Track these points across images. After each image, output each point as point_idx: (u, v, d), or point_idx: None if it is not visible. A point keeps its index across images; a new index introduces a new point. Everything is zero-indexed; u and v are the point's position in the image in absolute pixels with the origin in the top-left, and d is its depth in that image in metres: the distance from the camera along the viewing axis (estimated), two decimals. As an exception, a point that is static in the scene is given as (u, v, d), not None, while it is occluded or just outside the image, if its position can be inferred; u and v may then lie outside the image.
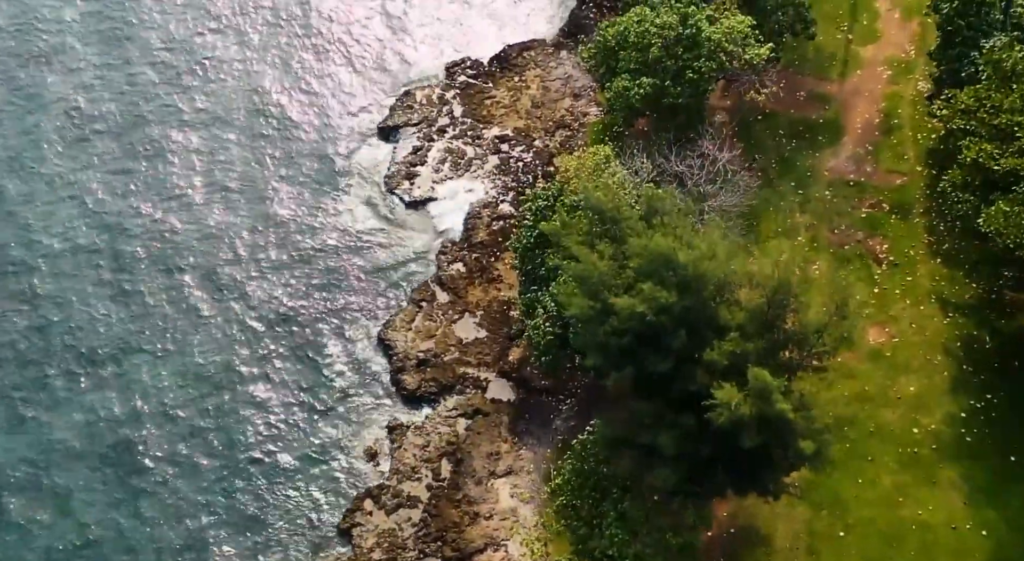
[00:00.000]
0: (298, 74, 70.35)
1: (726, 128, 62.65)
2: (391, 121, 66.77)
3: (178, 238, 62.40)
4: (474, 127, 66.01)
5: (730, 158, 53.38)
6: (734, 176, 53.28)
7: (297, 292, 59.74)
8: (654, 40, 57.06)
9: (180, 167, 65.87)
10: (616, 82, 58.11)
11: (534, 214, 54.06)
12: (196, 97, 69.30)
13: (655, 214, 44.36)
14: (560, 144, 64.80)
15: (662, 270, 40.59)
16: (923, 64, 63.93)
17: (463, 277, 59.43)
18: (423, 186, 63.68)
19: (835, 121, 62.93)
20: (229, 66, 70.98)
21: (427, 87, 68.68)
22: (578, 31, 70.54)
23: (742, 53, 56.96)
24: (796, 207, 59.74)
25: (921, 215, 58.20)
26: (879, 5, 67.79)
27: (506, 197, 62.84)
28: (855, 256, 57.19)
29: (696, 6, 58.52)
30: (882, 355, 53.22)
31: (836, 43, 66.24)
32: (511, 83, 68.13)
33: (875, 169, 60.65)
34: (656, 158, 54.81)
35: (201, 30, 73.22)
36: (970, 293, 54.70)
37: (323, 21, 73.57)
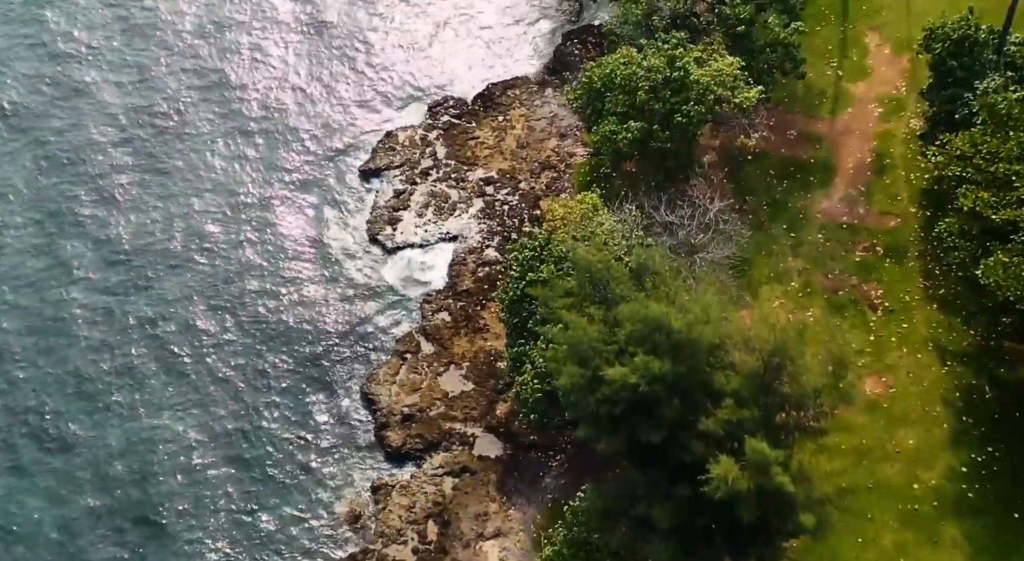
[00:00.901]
0: (275, 117, 68.40)
1: (716, 169, 61.52)
2: (373, 164, 65.14)
3: (149, 291, 60.47)
4: (458, 169, 64.49)
5: (721, 207, 51.91)
6: (725, 226, 51.86)
7: (275, 346, 57.81)
8: (641, 83, 55.77)
9: (147, 222, 63.79)
10: (603, 126, 56.77)
11: (520, 265, 52.55)
12: (166, 144, 67.25)
13: (646, 272, 42.96)
14: (546, 186, 63.37)
15: (655, 335, 39.13)
16: (915, 101, 62.78)
17: (448, 327, 57.81)
18: (406, 231, 62.07)
19: (826, 161, 61.68)
20: (205, 108, 69.18)
21: (409, 128, 67.07)
22: (563, 68, 69.18)
23: (731, 96, 55.67)
24: (788, 251, 58.42)
25: (916, 259, 56.92)
26: (868, 40, 66.64)
27: (491, 242, 61.30)
28: (849, 302, 55.86)
29: (683, 47, 57.32)
30: (879, 406, 51.84)
31: (826, 80, 65.02)
32: (495, 123, 66.68)
33: (868, 211, 59.39)
34: (645, 206, 53.46)
35: (172, 70, 71.20)
36: (968, 341, 53.41)
37: (300, 60, 71.88)
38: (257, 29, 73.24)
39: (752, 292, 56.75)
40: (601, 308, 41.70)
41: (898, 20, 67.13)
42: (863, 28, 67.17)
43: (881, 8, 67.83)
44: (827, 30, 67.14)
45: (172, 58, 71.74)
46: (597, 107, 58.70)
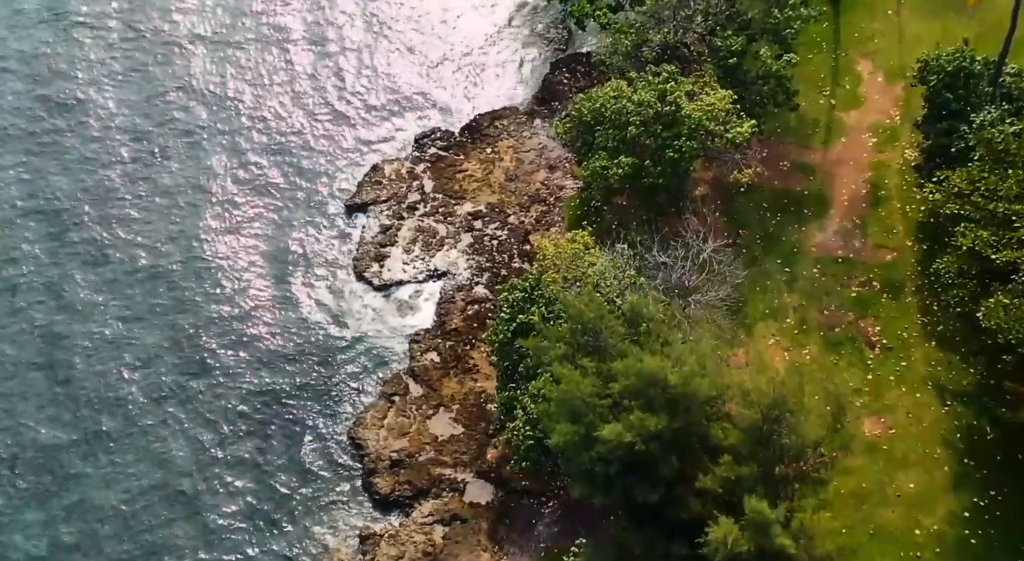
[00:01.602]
0: (257, 151, 66.87)
1: (708, 201, 60.41)
2: (359, 198, 63.78)
3: (129, 337, 58.87)
4: (446, 203, 63.23)
5: (715, 247, 50.77)
6: (719, 266, 50.74)
7: (258, 390, 56.24)
8: (632, 118, 54.68)
9: (121, 264, 62.13)
10: (593, 161, 55.65)
11: (510, 306, 51.31)
12: (149, 181, 65.64)
13: (639, 320, 41.81)
14: (536, 220, 62.16)
15: (650, 390, 37.96)
16: (909, 131, 61.83)
17: (437, 368, 56.46)
18: (393, 268, 60.73)
19: (820, 193, 60.62)
20: (183, 139, 67.62)
21: (396, 160, 65.77)
22: (552, 98, 68.04)
23: (724, 131, 54.59)
24: (783, 286, 57.28)
25: (913, 294, 55.85)
26: (861, 68, 65.69)
27: (481, 278, 60.04)
28: (846, 339, 54.74)
29: (675, 81, 56.24)
30: (879, 448, 50.65)
31: (819, 109, 64.03)
32: (483, 155, 65.45)
33: (864, 244, 58.33)
34: (637, 246, 52.31)
35: (154, 115, 69.38)
36: (968, 379, 52.29)
37: (282, 92, 70.37)
38: (237, 65, 71.83)
39: (747, 329, 55.83)
40: (594, 359, 40.51)
41: (891, 47, 66.25)
42: (855, 56, 66.26)
43: (873, 35, 66.97)
44: (819, 58, 66.19)
45: (148, 98, 70.06)
46: (587, 140, 57.62)
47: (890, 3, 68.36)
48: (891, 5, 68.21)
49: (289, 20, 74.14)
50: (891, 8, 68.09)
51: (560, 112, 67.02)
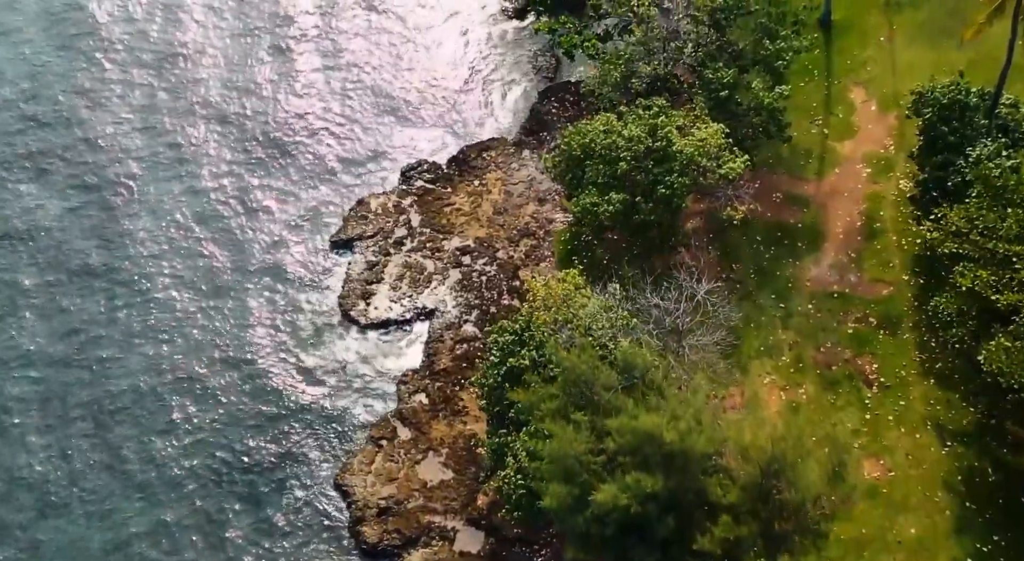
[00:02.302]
0: (238, 185, 65.46)
1: (700, 234, 59.30)
2: (344, 234, 62.45)
3: (103, 376, 57.48)
4: (433, 238, 61.96)
5: (709, 288, 49.59)
6: (714, 308, 49.56)
7: (241, 434, 54.81)
8: (622, 153, 53.57)
9: (98, 303, 60.62)
10: (583, 197, 54.49)
11: (500, 349, 50.02)
12: (130, 220, 64.15)
13: (632, 371, 40.59)
14: (525, 255, 60.94)
15: (646, 447, 36.71)
16: (904, 160, 60.80)
17: (426, 410, 55.14)
18: (380, 306, 59.41)
19: (814, 225, 59.54)
20: (163, 174, 66.15)
21: (382, 194, 64.48)
22: (540, 128, 66.90)
23: (716, 167, 53.50)
24: (778, 323, 56.17)
25: (911, 330, 54.75)
26: (854, 96, 64.69)
27: (470, 316, 58.76)
28: (843, 377, 53.59)
29: (665, 115, 55.16)
30: (878, 492, 49.49)
31: (811, 138, 62.97)
32: (471, 187, 64.23)
33: (859, 279, 57.25)
34: (630, 289, 51.07)
35: (134, 145, 67.93)
36: (968, 419, 51.19)
37: (266, 121, 69.08)
38: (218, 93, 70.58)
39: (742, 367, 54.72)
40: (587, 413, 39.26)
41: (883, 75, 65.29)
42: (848, 84, 65.26)
43: (866, 62, 66.00)
44: (811, 86, 65.17)
45: (124, 128, 68.68)
46: (577, 175, 56.50)
47: (882, 30, 67.47)
48: (883, 32, 67.32)
49: (274, 49, 72.87)
50: (883, 35, 67.17)
51: (549, 143, 65.95)
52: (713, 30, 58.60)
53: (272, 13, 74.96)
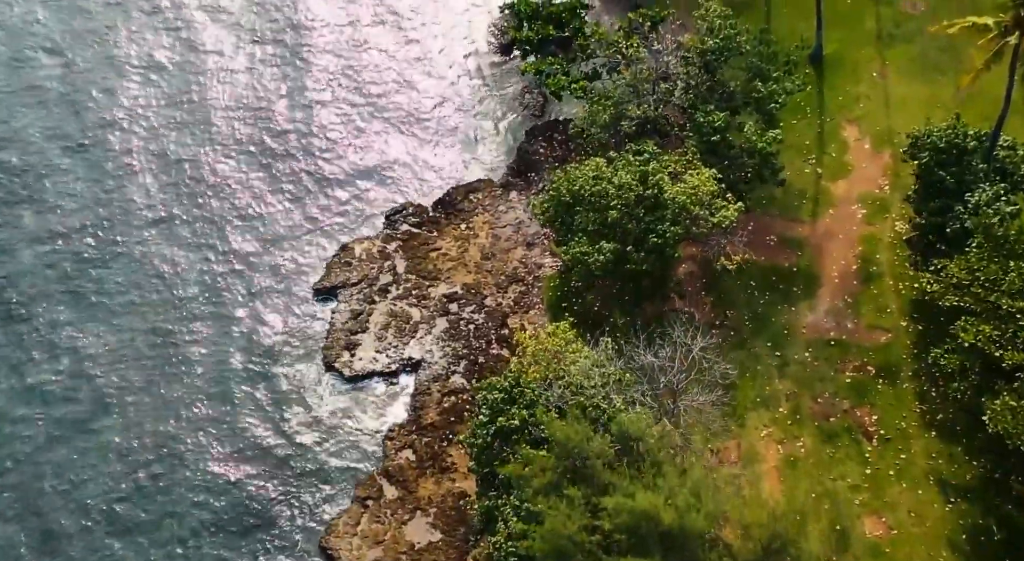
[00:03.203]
0: (219, 229, 63.48)
1: (693, 279, 57.86)
2: (328, 281, 60.65)
3: (82, 437, 55.50)
4: (419, 285, 60.29)
5: (704, 345, 48.08)
6: (710, 365, 48.08)
7: (219, 495, 52.83)
8: (613, 201, 52.13)
9: (78, 357, 58.45)
10: (573, 246, 52.99)
11: (489, 408, 48.37)
12: (99, 264, 62.10)
13: (628, 441, 39.05)
14: (514, 302, 59.31)
15: (643, 526, 35.16)
16: (899, 201, 59.57)
17: (413, 467, 53.40)
18: (365, 357, 57.64)
19: (810, 269, 58.17)
20: (145, 220, 64.23)
21: (367, 239, 62.70)
22: (528, 169, 65.31)
23: (709, 216, 52.10)
24: (774, 372, 54.73)
25: (910, 379, 53.36)
26: (847, 134, 63.43)
27: (457, 367, 57.06)
28: (842, 430, 52.13)
29: (656, 160, 53.78)
30: (881, 552, 47.96)
31: (805, 178, 61.67)
32: (457, 231, 62.58)
33: (856, 325, 55.86)
34: (620, 336, 49.63)
35: (114, 202, 65.47)
36: (971, 473, 49.78)
37: (248, 162, 67.16)
38: (200, 132, 68.77)
39: (738, 418, 53.23)
40: (582, 487, 37.68)
41: (877, 112, 64.11)
42: (841, 121, 64.03)
43: (858, 99, 64.79)
44: (803, 124, 63.93)
45: (103, 184, 66.55)
46: (566, 221, 55.04)
47: (875, 64, 66.35)
48: (876, 67, 66.18)
49: (257, 88, 70.99)
50: (876, 70, 66.05)
51: (537, 183, 64.45)
52: (704, 71, 57.29)
53: (253, 48, 73.32)
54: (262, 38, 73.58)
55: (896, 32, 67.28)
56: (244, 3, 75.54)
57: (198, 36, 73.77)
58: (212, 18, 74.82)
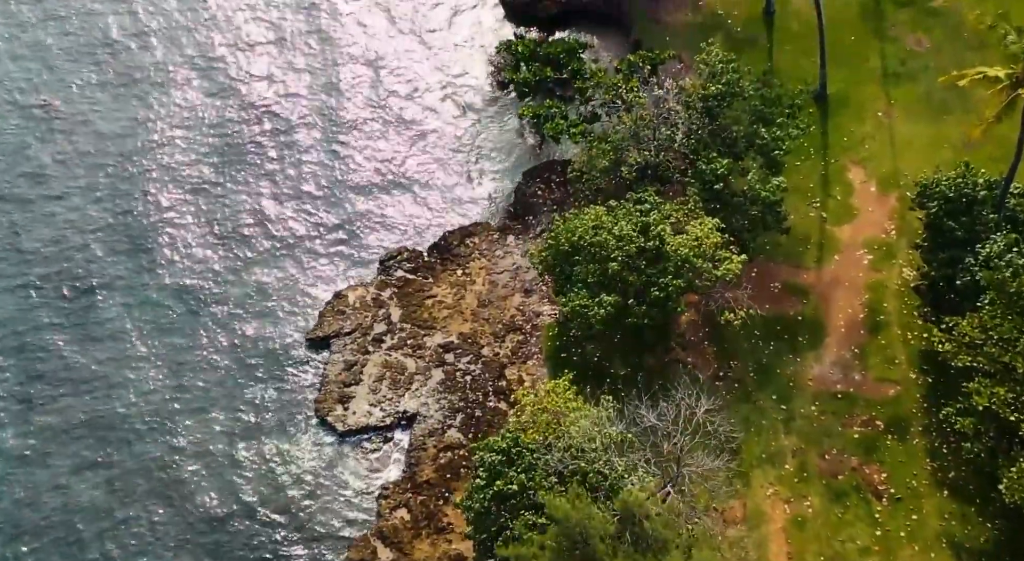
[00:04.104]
0: (208, 277, 61.76)
1: (695, 328, 56.31)
2: (321, 331, 59.04)
3: (69, 490, 53.99)
4: (414, 334, 58.70)
5: (709, 408, 46.48)
6: (714, 427, 46.50)
7: (208, 559, 51.19)
8: (613, 253, 50.64)
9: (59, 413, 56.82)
10: (572, 299, 51.47)
11: (487, 470, 46.77)
12: (87, 312, 60.56)
13: (632, 517, 37.46)
14: (512, 352, 57.71)
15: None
16: (906, 246, 58.04)
17: (408, 527, 51.71)
18: (358, 410, 56.04)
19: (815, 318, 56.60)
20: (127, 268, 62.61)
21: (360, 286, 61.09)
22: (526, 212, 63.77)
23: (712, 269, 50.57)
24: (780, 426, 53.14)
25: (920, 435, 51.77)
26: (852, 176, 61.92)
27: (454, 420, 55.44)
28: (851, 488, 50.52)
29: (657, 210, 52.29)
30: (893, 621, 46.62)
31: (809, 223, 60.11)
32: (453, 277, 61.04)
33: (864, 377, 54.28)
34: (621, 389, 48.06)
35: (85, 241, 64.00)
36: (986, 535, 48.10)
37: (237, 212, 65.10)
38: (186, 176, 67.22)
39: (743, 476, 51.59)
40: (582, 569, 36.14)
41: (882, 153, 62.62)
42: (846, 162, 62.53)
43: (863, 139, 63.31)
44: (807, 165, 62.40)
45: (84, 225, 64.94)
46: (565, 270, 53.55)
47: (880, 103, 64.89)
48: (881, 106, 64.72)
49: (248, 128, 69.37)
50: (881, 109, 64.58)
51: (535, 227, 62.93)
52: (705, 115, 55.85)
53: (242, 101, 71.90)
54: (248, 78, 72.12)
55: (901, 70, 65.86)
56: (227, 45, 74.02)
57: (179, 84, 72.00)
58: (196, 62, 73.37)
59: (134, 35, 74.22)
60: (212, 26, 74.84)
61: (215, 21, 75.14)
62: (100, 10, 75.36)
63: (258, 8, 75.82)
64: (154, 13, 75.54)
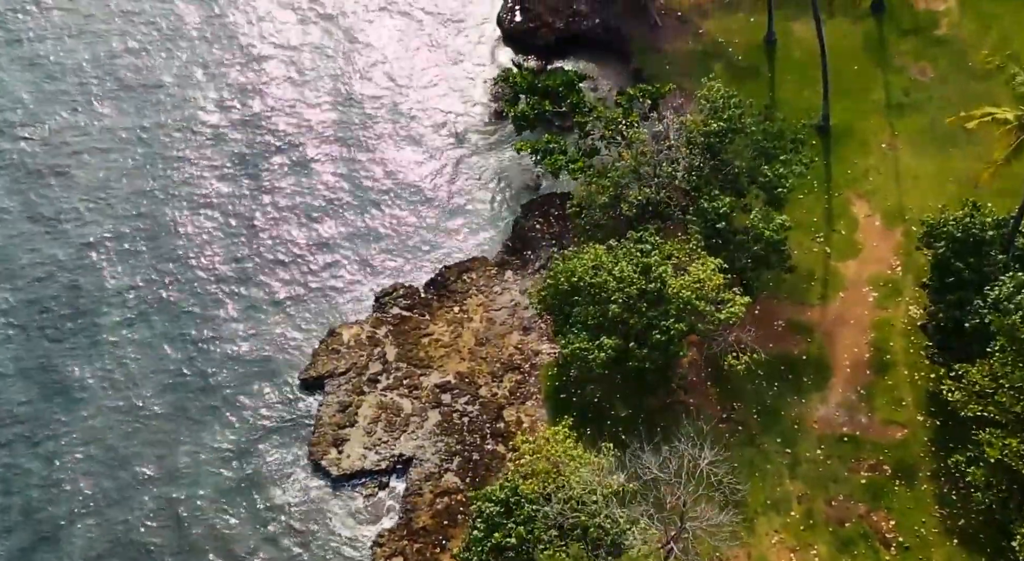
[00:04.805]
0: (198, 316, 60.36)
1: (696, 368, 55.03)
2: (314, 371, 57.73)
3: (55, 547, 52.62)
4: (410, 373, 57.41)
5: (712, 460, 45.19)
6: (718, 477, 45.24)
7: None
8: (614, 295, 49.45)
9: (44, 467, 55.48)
10: (572, 341, 50.28)
11: (485, 521, 45.50)
12: (68, 356, 59.21)
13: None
14: (510, 392, 56.45)
15: None
16: (912, 283, 56.93)
17: (404, 577, 50.52)
18: (353, 454, 54.68)
19: (820, 357, 55.38)
20: (113, 307, 61.16)
21: (355, 324, 59.77)
22: (524, 246, 62.42)
23: (715, 311, 49.38)
24: (785, 471, 51.90)
25: (928, 480, 50.54)
26: (857, 210, 60.74)
27: (451, 464, 54.12)
28: (858, 536, 49.28)
29: (658, 250, 51.10)
30: None
31: (813, 258, 58.90)
32: (450, 315, 59.76)
33: (870, 420, 53.05)
34: (622, 434, 46.84)
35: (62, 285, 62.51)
36: (997, 588, 47.15)
37: (229, 246, 63.76)
38: (182, 213, 65.90)
39: (747, 523, 50.30)
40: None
41: (887, 186, 61.46)
42: (850, 196, 61.36)
43: (867, 172, 62.14)
44: (811, 199, 61.17)
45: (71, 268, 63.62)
46: (565, 311, 52.37)
47: (884, 135, 63.74)
48: (884, 138, 63.57)
49: (239, 165, 67.93)
50: (885, 141, 63.43)
51: (533, 262, 61.67)
52: (707, 151, 54.70)
53: (249, 137, 70.71)
54: (243, 108, 71.07)
55: (905, 101, 64.71)
56: (214, 77, 73.03)
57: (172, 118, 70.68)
58: (192, 95, 72.30)
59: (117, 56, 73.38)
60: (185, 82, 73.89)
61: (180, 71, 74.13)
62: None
63: (235, 51, 74.84)
64: (131, 33, 74.62)
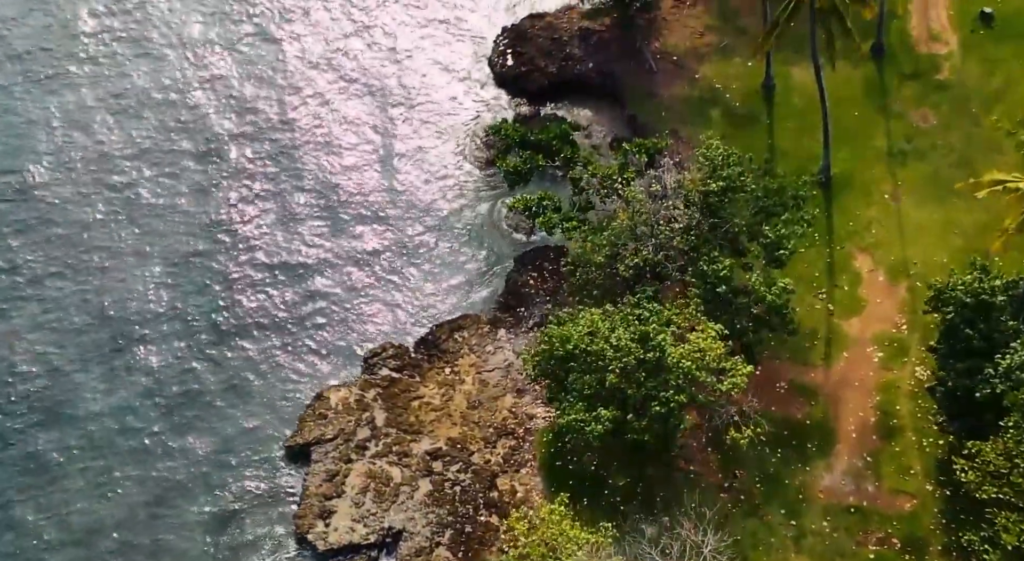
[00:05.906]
0: (183, 377, 58.32)
1: (697, 433, 53.11)
2: (300, 438, 55.57)
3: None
4: (400, 440, 55.37)
5: (717, 546, 43.28)
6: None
7: None
8: (611, 365, 47.57)
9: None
10: (568, 412, 48.39)
11: (478, 609, 43.68)
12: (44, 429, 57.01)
13: None
14: (503, 459, 54.41)
15: None
16: (918, 342, 55.17)
17: (394, 662, 48.46)
18: (341, 527, 52.51)
19: (824, 422, 53.52)
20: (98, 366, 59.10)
21: (343, 387, 57.68)
22: (518, 303, 60.45)
23: (716, 383, 47.52)
24: (790, 544, 49.97)
25: (939, 555, 48.60)
26: (859, 264, 58.97)
27: (443, 537, 52.00)
28: (868, 617, 47.62)
29: (657, 317, 49.23)
30: None
31: (815, 316, 57.09)
32: (441, 376, 57.77)
33: (878, 489, 51.17)
34: (620, 491, 44.96)
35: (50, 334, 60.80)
36: None
37: (211, 303, 61.64)
38: (161, 267, 63.82)
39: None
40: None
41: (890, 239, 59.72)
42: (852, 249, 59.60)
43: (870, 224, 60.41)
44: (812, 252, 59.22)
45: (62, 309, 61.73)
46: (560, 378, 50.50)
47: (886, 185, 62.06)
48: (887, 188, 61.90)
49: (216, 219, 65.72)
50: (888, 191, 61.75)
51: (527, 320, 59.71)
52: (706, 209, 52.93)
53: (228, 168, 68.76)
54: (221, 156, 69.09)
55: (908, 148, 63.10)
56: (186, 117, 71.15)
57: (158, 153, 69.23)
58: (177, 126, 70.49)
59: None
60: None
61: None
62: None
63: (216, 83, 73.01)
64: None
